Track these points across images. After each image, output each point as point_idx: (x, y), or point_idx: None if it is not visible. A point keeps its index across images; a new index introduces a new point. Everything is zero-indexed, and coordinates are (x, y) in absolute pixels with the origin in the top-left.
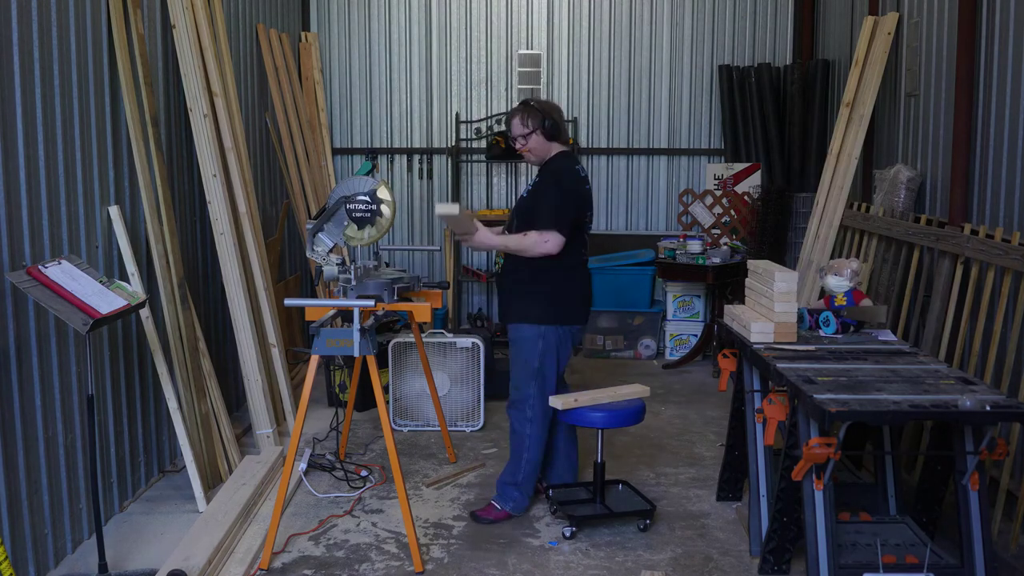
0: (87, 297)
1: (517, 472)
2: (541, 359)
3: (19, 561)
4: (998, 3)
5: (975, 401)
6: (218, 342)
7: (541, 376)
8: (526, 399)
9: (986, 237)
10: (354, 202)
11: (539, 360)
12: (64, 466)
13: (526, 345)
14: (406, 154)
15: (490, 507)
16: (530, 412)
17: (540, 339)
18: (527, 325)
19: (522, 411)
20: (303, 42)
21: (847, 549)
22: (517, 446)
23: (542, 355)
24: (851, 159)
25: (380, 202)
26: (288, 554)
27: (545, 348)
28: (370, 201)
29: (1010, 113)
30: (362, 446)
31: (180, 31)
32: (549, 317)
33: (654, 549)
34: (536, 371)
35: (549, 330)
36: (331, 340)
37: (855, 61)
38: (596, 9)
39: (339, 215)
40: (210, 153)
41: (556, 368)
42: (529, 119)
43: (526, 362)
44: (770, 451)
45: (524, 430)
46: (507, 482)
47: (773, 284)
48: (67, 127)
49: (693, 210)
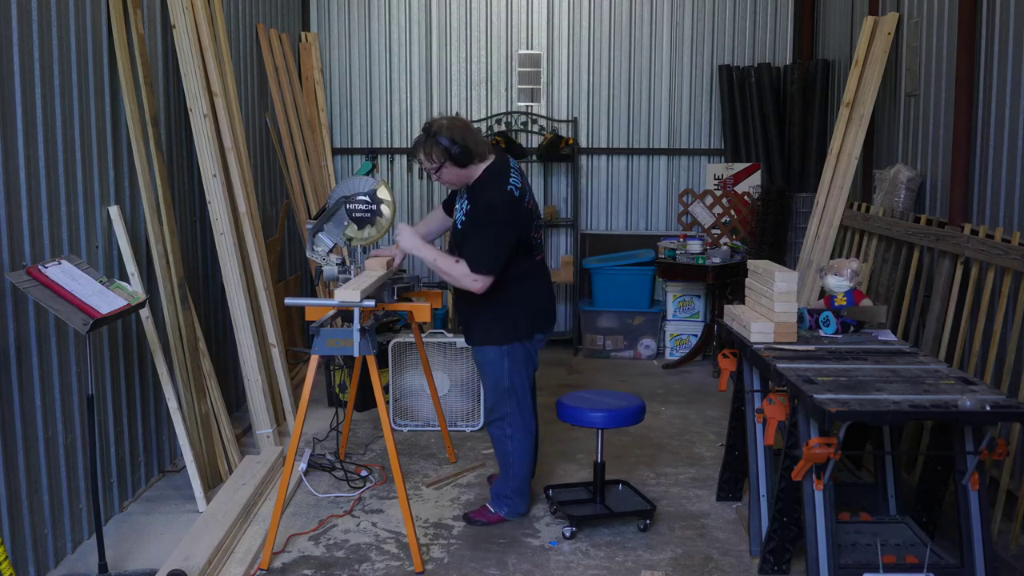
0: (87, 297)
1: (506, 485)
2: (510, 377)
3: (19, 561)
4: (998, 3)
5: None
6: (218, 342)
7: (514, 393)
8: (504, 417)
9: (986, 237)
10: (354, 202)
11: (508, 379)
12: (64, 466)
13: (492, 367)
14: (406, 154)
15: (483, 509)
16: (510, 430)
17: (505, 358)
18: (490, 347)
19: (502, 429)
20: (303, 42)
21: (847, 549)
22: (503, 461)
23: (510, 373)
24: (851, 159)
25: (380, 202)
26: (288, 554)
27: (512, 366)
28: (370, 201)
29: (1010, 113)
30: (362, 446)
31: (180, 31)
32: (510, 335)
33: (654, 549)
34: (508, 389)
35: (514, 348)
36: (331, 340)
37: (855, 61)
38: (596, 9)
39: (339, 215)
40: (210, 153)
41: (528, 380)
42: (434, 153)
43: (496, 383)
44: (770, 451)
45: (507, 447)
46: (499, 492)
47: (773, 284)
48: (67, 127)
49: (693, 210)
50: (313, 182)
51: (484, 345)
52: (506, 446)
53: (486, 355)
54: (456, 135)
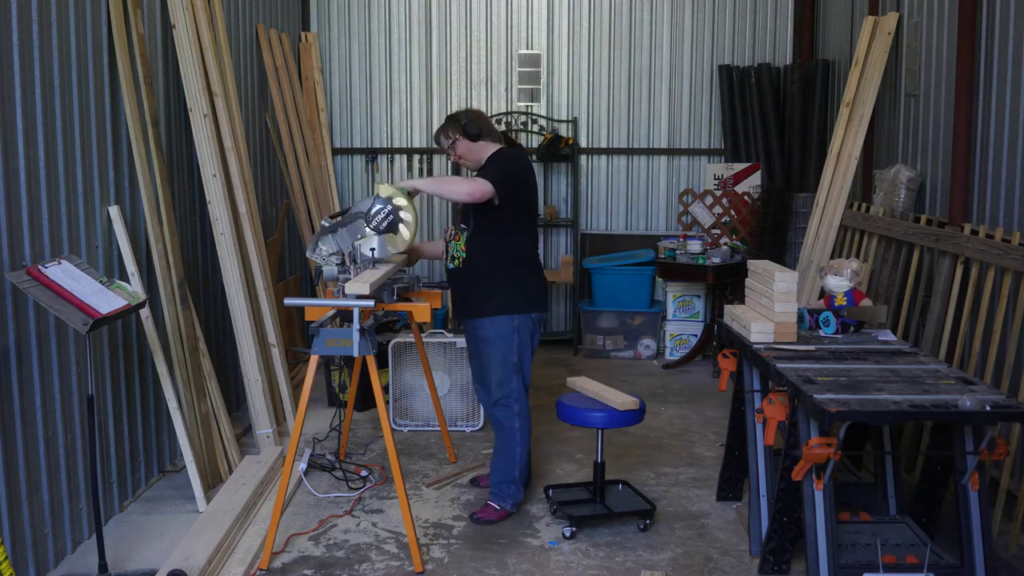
0: (87, 297)
1: (512, 468)
2: (519, 352)
3: (19, 561)
4: (998, 3)
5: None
6: (218, 342)
7: (520, 369)
8: (510, 394)
9: (986, 237)
10: (373, 218)
11: (517, 354)
12: (64, 466)
13: (502, 341)
14: (406, 154)
15: (489, 508)
16: (516, 407)
17: (515, 332)
18: (502, 318)
19: (508, 407)
20: (303, 42)
21: (847, 549)
22: (508, 442)
23: (519, 348)
24: (851, 159)
25: (399, 208)
26: (288, 554)
27: (521, 341)
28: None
29: (1010, 113)
30: (362, 446)
31: (180, 31)
32: (520, 306)
33: (654, 549)
34: (516, 365)
35: (522, 321)
36: (331, 340)
37: (855, 61)
38: (596, 9)
39: (356, 225)
40: (210, 153)
41: (531, 359)
42: (449, 129)
43: (505, 357)
44: (770, 451)
45: (514, 424)
46: (503, 480)
47: (773, 284)
48: (67, 127)
49: (693, 210)
50: (313, 182)
51: (497, 315)
52: (513, 424)
53: (499, 328)
54: (471, 116)
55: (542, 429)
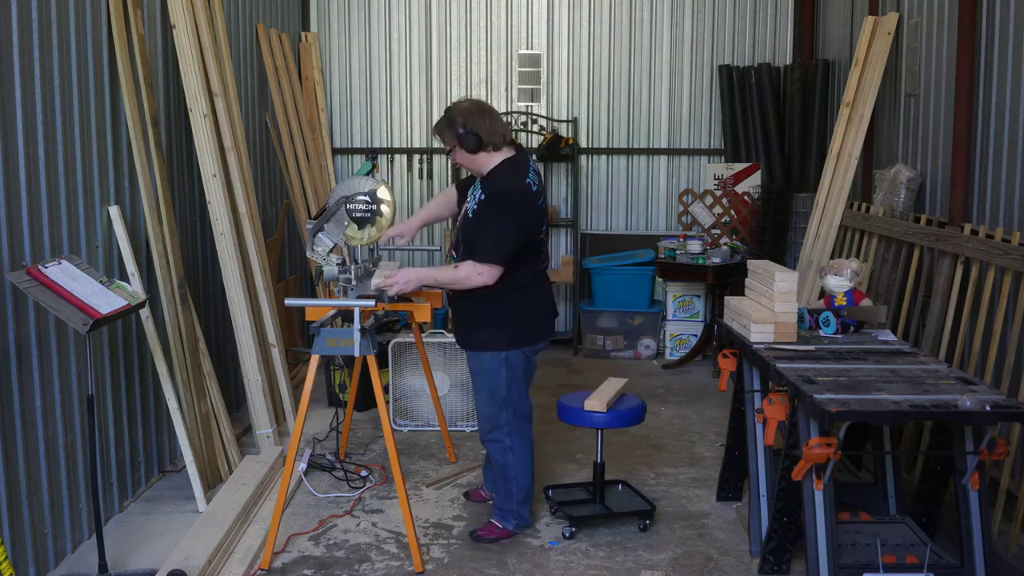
0: (87, 297)
1: (510, 500)
2: (507, 387)
3: (19, 561)
4: (998, 3)
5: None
6: (218, 342)
7: (510, 403)
8: (500, 428)
9: (986, 237)
10: (354, 202)
11: (505, 389)
12: (64, 466)
13: (489, 376)
14: (406, 154)
15: (491, 526)
16: (508, 440)
17: (503, 366)
18: (488, 353)
19: (500, 441)
20: (303, 42)
21: (847, 549)
22: (503, 474)
23: (508, 383)
24: (851, 159)
25: (380, 202)
26: (288, 554)
27: (510, 375)
28: (370, 201)
29: (1010, 113)
30: (362, 446)
31: (180, 31)
32: (510, 342)
33: (654, 549)
34: (504, 400)
35: (512, 355)
36: (331, 340)
37: (855, 61)
38: (596, 9)
39: (339, 215)
40: (210, 153)
41: (526, 389)
42: (446, 135)
43: (492, 393)
44: (770, 451)
45: (506, 459)
46: (502, 507)
47: (773, 284)
48: (67, 127)
49: (693, 210)
50: (313, 182)
51: (482, 351)
52: (506, 458)
53: (483, 363)
54: (470, 121)
55: (542, 429)
